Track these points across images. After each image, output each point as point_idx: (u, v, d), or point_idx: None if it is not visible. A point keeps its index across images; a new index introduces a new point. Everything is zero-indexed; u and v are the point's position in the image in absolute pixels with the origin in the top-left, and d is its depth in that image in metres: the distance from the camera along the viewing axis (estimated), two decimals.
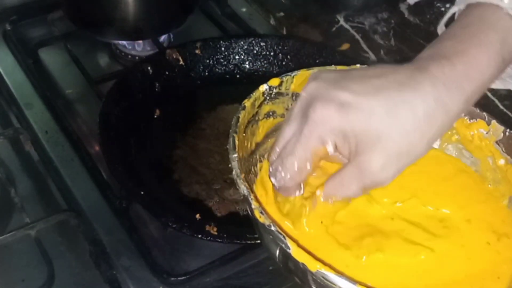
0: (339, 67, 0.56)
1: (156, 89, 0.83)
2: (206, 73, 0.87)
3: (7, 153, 0.78)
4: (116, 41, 0.92)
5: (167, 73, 0.84)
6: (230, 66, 0.88)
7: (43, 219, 0.68)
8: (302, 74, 0.55)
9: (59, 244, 0.68)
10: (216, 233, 0.64)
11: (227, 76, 0.87)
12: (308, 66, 0.84)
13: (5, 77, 0.87)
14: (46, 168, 0.76)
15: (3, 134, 0.78)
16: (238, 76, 0.88)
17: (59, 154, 0.77)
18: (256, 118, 0.54)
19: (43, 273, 0.63)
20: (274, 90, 0.54)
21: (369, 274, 0.47)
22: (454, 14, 0.57)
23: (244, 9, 1.03)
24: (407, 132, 0.47)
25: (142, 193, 0.67)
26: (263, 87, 0.54)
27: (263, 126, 0.55)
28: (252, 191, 0.46)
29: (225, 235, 0.64)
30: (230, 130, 0.50)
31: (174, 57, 0.85)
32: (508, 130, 0.55)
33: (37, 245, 0.66)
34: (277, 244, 0.44)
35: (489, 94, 0.87)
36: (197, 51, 0.86)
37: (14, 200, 0.70)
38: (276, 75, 0.85)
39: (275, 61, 0.88)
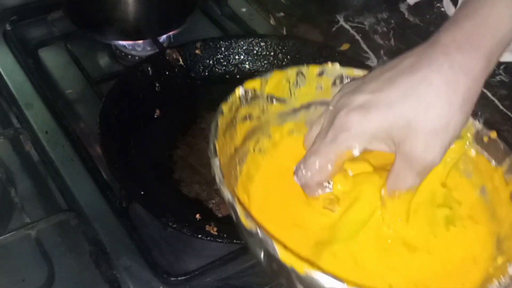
0: (312, 66, 0.56)
1: (156, 89, 0.83)
2: (206, 73, 0.87)
3: (7, 153, 0.78)
4: (116, 42, 0.92)
5: (167, 73, 0.84)
6: (230, 66, 0.88)
7: (43, 219, 0.68)
8: (276, 75, 0.55)
9: (59, 244, 0.68)
10: (216, 233, 0.64)
11: (227, 76, 0.87)
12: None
13: (5, 77, 0.87)
14: (46, 168, 0.76)
15: (3, 134, 0.78)
16: (238, 76, 0.88)
17: (59, 154, 0.77)
18: (234, 122, 0.53)
19: (43, 273, 0.63)
20: (250, 93, 0.54)
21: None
22: None
23: (244, 9, 1.03)
24: (433, 107, 0.47)
25: (142, 193, 0.67)
26: (239, 91, 0.53)
27: (241, 130, 0.54)
28: (235, 195, 0.46)
29: (225, 235, 0.64)
30: (210, 136, 0.50)
31: (174, 57, 0.85)
32: (475, 121, 0.54)
33: (37, 245, 0.66)
34: (262, 247, 0.44)
35: (489, 94, 0.87)
36: (197, 51, 0.86)
37: (14, 200, 0.70)
38: None
39: (275, 61, 0.88)
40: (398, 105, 0.47)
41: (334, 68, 0.56)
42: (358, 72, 0.56)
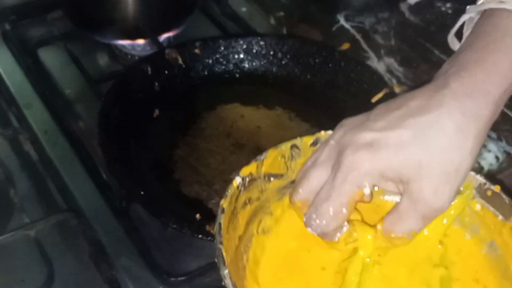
0: (306, 138, 0.55)
1: (156, 89, 0.83)
2: (206, 73, 0.87)
3: (6, 153, 0.77)
4: (116, 42, 0.92)
5: (166, 72, 0.84)
6: (230, 66, 0.88)
7: (43, 219, 0.68)
8: (270, 154, 0.54)
9: (59, 244, 0.68)
10: None
11: (227, 76, 0.87)
12: (307, 65, 0.86)
13: (4, 77, 0.86)
14: (46, 168, 0.75)
15: (2, 134, 0.78)
16: (237, 75, 0.88)
17: (59, 154, 0.77)
18: (235, 212, 0.52)
19: (43, 273, 0.63)
20: (247, 179, 0.53)
21: None
22: (464, 23, 0.57)
23: (244, 9, 1.03)
24: (445, 151, 0.47)
25: (142, 193, 0.67)
26: (237, 182, 0.52)
27: (242, 217, 0.53)
28: None
29: None
30: (215, 241, 0.47)
31: (174, 56, 0.84)
32: (477, 175, 0.54)
33: (37, 245, 0.66)
34: None
35: None
36: (196, 51, 0.86)
37: (14, 200, 0.70)
38: (276, 74, 0.87)
39: (275, 61, 0.87)
40: (409, 145, 0.47)
41: (327, 136, 0.54)
42: None
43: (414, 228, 0.49)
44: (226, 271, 0.46)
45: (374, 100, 0.80)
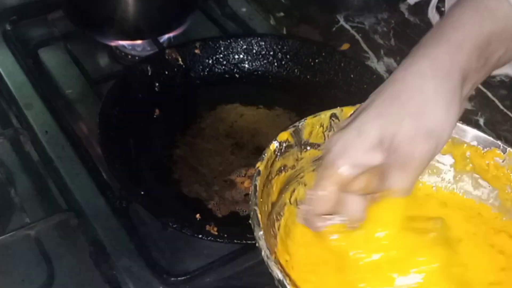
0: (346, 108, 0.55)
1: (156, 89, 0.83)
2: (206, 73, 0.87)
3: (7, 153, 0.78)
4: (116, 42, 0.92)
5: (166, 73, 0.84)
6: (230, 66, 0.88)
7: (43, 219, 0.68)
8: (309, 122, 0.54)
9: (59, 244, 0.68)
10: (216, 233, 0.64)
11: (227, 76, 0.87)
12: (307, 65, 0.86)
13: (5, 77, 0.87)
14: (46, 168, 0.76)
15: (3, 134, 0.78)
16: (237, 75, 0.88)
17: (59, 154, 0.77)
18: (270, 178, 0.51)
19: (43, 273, 0.63)
20: (284, 145, 0.52)
21: None
22: None
23: (244, 9, 1.03)
24: (413, 102, 0.47)
25: (142, 193, 0.67)
26: (274, 145, 0.51)
27: (276, 184, 0.52)
28: (286, 275, 0.44)
29: (225, 235, 0.64)
30: (250, 203, 0.47)
31: (174, 57, 0.85)
32: None
33: (37, 245, 0.66)
34: None
35: (489, 95, 0.86)
36: (196, 51, 0.86)
37: (14, 200, 0.70)
38: (276, 74, 0.87)
39: (275, 61, 0.88)
40: (367, 107, 0.48)
41: None
42: None
43: (399, 182, 0.48)
44: (261, 233, 0.45)
45: None
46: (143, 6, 0.88)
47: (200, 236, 0.64)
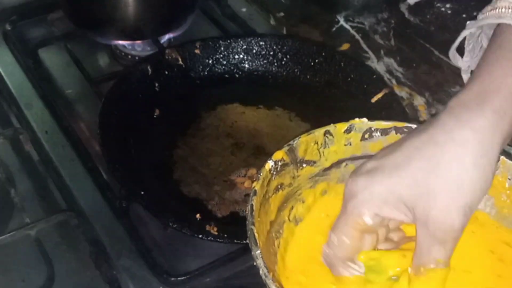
0: (339, 125, 0.55)
1: (156, 89, 0.83)
2: (206, 73, 0.87)
3: (7, 153, 0.78)
4: (116, 42, 0.92)
5: (166, 73, 0.84)
6: (230, 66, 0.88)
7: (43, 219, 0.68)
8: (303, 140, 0.54)
9: (59, 244, 0.68)
10: (216, 233, 0.64)
11: (227, 76, 0.87)
12: (307, 65, 0.86)
13: (5, 77, 0.87)
14: (46, 168, 0.76)
15: (3, 134, 0.78)
16: (237, 75, 0.88)
17: (59, 154, 0.77)
18: (267, 196, 0.52)
19: (43, 273, 0.63)
20: (279, 163, 0.53)
21: None
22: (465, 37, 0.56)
23: (244, 9, 1.03)
24: (442, 165, 0.45)
25: (142, 193, 0.67)
26: (269, 165, 0.51)
27: (274, 202, 0.53)
28: (278, 280, 0.45)
29: (225, 235, 0.64)
30: (247, 222, 0.47)
31: (174, 57, 0.85)
32: None
33: (37, 245, 0.66)
34: None
35: None
36: (196, 51, 0.86)
37: (14, 200, 0.70)
38: (276, 74, 0.87)
39: (275, 61, 0.88)
40: (403, 165, 0.46)
41: (362, 123, 0.55)
42: (386, 124, 0.55)
43: (437, 255, 0.46)
44: (258, 252, 0.45)
45: (374, 100, 0.80)
46: (143, 6, 0.88)
47: (200, 236, 0.64)
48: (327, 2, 1.05)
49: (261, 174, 0.51)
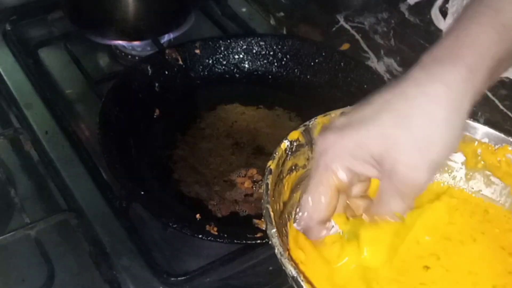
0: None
1: (156, 89, 0.83)
2: (206, 73, 0.87)
3: (7, 153, 0.78)
4: (116, 42, 0.92)
5: (166, 73, 0.84)
6: (230, 66, 0.88)
7: (43, 219, 0.68)
8: (319, 121, 0.53)
9: (59, 244, 0.68)
10: (216, 233, 0.64)
11: (227, 76, 0.88)
12: (307, 65, 0.86)
13: (5, 77, 0.87)
14: (46, 168, 0.76)
15: (3, 134, 0.78)
16: (237, 75, 0.88)
17: (59, 154, 0.77)
18: (281, 176, 0.51)
19: (43, 273, 0.63)
20: (295, 144, 0.53)
21: None
22: None
23: (244, 9, 1.03)
24: (412, 119, 0.44)
25: (142, 193, 0.67)
26: (285, 144, 0.51)
27: (288, 183, 0.52)
28: (300, 271, 0.44)
29: (225, 235, 0.64)
30: (262, 201, 0.47)
31: (174, 57, 0.85)
32: None
33: (37, 245, 0.66)
34: None
35: (490, 95, 0.86)
36: (196, 51, 0.86)
37: (14, 200, 0.70)
38: (276, 74, 0.87)
39: (275, 61, 0.88)
40: (373, 118, 0.45)
41: None
42: None
43: (395, 208, 0.47)
44: (274, 230, 0.45)
45: None
46: (143, 6, 0.88)
47: (200, 236, 0.64)
48: (327, 2, 1.04)
49: (277, 153, 0.50)
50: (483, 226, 0.54)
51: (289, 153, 0.52)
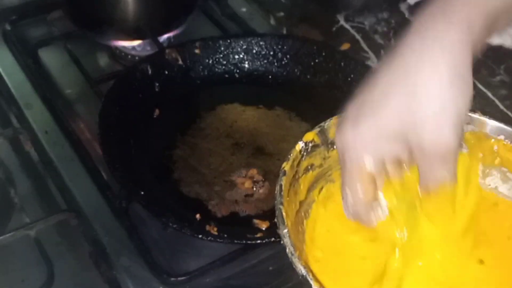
0: None
1: (156, 89, 0.83)
2: (206, 73, 0.87)
3: (7, 153, 0.78)
4: (116, 42, 0.92)
5: (166, 73, 0.84)
6: (230, 66, 0.88)
7: (43, 219, 0.68)
8: (334, 122, 0.54)
9: (59, 244, 0.68)
10: (216, 233, 0.64)
11: (227, 76, 0.87)
12: (307, 65, 0.86)
13: (5, 77, 0.87)
14: (46, 168, 0.75)
15: (3, 134, 0.78)
16: (237, 75, 0.88)
17: (59, 154, 0.77)
18: (296, 177, 0.52)
19: (43, 273, 0.63)
20: (310, 145, 0.53)
21: None
22: None
23: (244, 9, 1.03)
24: (419, 90, 0.45)
25: (142, 193, 0.67)
26: (299, 146, 0.52)
27: (304, 182, 0.54)
28: (309, 270, 0.45)
29: (225, 235, 0.64)
30: (276, 202, 0.48)
31: (174, 56, 0.85)
32: None
33: (36, 245, 0.66)
34: None
35: (490, 95, 0.86)
36: (196, 51, 0.86)
37: (14, 200, 0.70)
38: (276, 74, 0.87)
39: (275, 61, 0.88)
40: (384, 104, 0.46)
41: None
42: None
43: (442, 176, 0.46)
44: (285, 230, 0.46)
45: None
46: (143, 6, 0.88)
47: (200, 236, 0.64)
48: (327, 2, 1.04)
49: (291, 154, 0.52)
50: (492, 220, 0.55)
51: (304, 153, 0.53)
